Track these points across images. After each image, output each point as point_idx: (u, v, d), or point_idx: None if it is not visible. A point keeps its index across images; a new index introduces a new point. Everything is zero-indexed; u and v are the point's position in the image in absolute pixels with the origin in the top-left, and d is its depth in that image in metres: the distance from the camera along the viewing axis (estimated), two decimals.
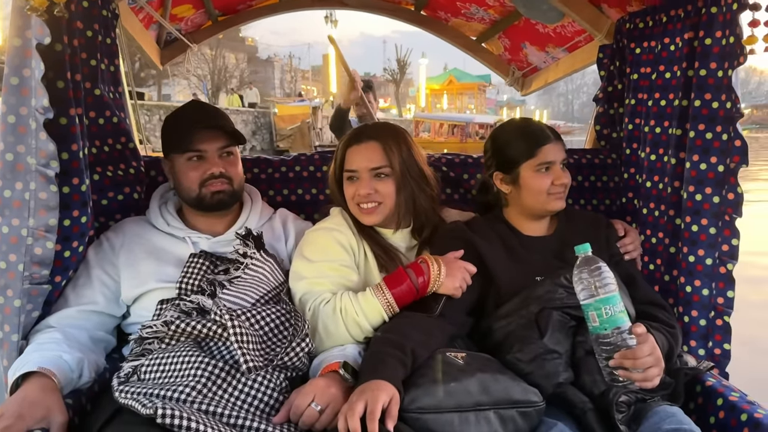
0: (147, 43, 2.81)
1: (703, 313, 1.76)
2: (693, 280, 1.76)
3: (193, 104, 1.86)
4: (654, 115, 1.92)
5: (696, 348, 1.77)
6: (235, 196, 1.77)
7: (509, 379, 1.37)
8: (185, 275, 1.59)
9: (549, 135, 1.69)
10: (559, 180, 1.67)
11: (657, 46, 1.94)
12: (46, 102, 1.36)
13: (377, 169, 1.68)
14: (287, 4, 3.25)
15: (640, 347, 1.32)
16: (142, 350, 1.45)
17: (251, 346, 1.37)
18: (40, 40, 1.33)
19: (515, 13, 2.79)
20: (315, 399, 1.30)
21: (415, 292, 1.53)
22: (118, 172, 1.86)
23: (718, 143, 1.69)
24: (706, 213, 1.72)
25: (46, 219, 1.42)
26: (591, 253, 1.41)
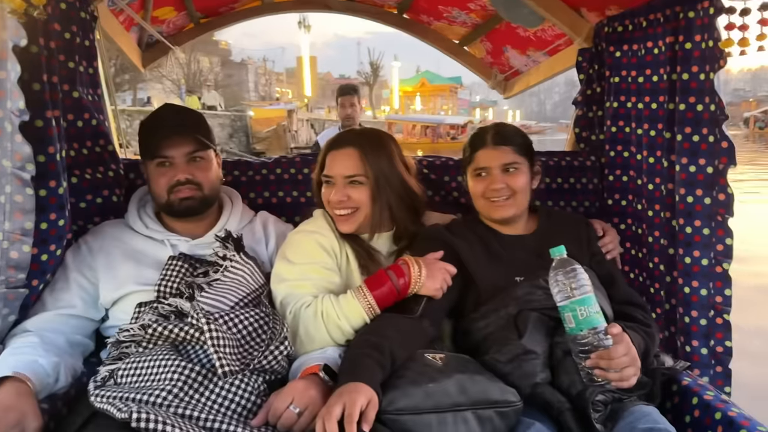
0: (128, 45, 2.80)
1: (703, 313, 1.78)
2: (691, 281, 1.79)
3: (165, 108, 1.83)
4: (646, 119, 1.94)
5: (699, 347, 1.79)
6: (206, 202, 1.74)
7: (487, 380, 1.38)
8: (164, 278, 1.58)
9: (486, 140, 1.70)
10: (493, 185, 1.66)
11: (640, 49, 1.96)
12: (22, 104, 1.35)
13: (351, 177, 1.67)
14: (270, 7, 3.25)
15: (615, 347, 1.33)
16: (119, 354, 1.44)
17: (228, 350, 1.36)
18: (16, 42, 1.32)
19: (496, 16, 2.82)
20: (294, 401, 1.29)
21: (396, 294, 1.53)
22: (96, 175, 1.85)
23: (706, 145, 1.72)
24: (699, 214, 1.75)
25: (22, 222, 1.40)
26: (566, 254, 1.42)
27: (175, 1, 2.80)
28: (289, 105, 31.10)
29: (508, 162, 1.67)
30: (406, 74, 59.29)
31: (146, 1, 2.66)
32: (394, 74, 50.23)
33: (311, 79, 38.14)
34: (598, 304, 1.38)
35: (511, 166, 1.67)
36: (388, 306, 1.54)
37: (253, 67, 64.53)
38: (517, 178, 1.68)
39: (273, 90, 63.55)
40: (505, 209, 1.68)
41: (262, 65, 65.81)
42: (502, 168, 1.67)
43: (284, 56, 79.50)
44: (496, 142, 1.69)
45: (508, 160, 1.67)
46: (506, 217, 1.69)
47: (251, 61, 65.67)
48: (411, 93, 53.80)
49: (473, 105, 76.13)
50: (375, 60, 51.47)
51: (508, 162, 1.67)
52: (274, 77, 69.38)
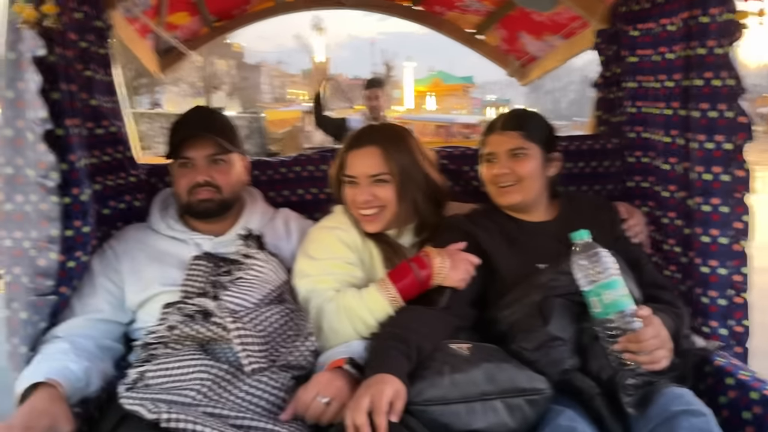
0: (144, 52, 2.83)
1: (723, 293, 1.74)
2: (708, 261, 1.74)
3: (193, 110, 1.86)
4: (663, 97, 1.90)
5: (717, 328, 1.75)
6: (224, 204, 1.74)
7: (514, 368, 1.37)
8: (188, 278, 1.60)
9: (495, 125, 1.69)
10: (498, 170, 1.65)
11: (655, 27, 1.92)
12: (43, 113, 1.37)
13: (376, 176, 1.66)
14: (283, 7, 3.25)
15: (644, 330, 1.31)
16: (147, 356, 1.45)
17: (254, 348, 1.37)
18: (34, 52, 1.35)
19: (509, 3, 2.78)
20: (320, 392, 1.29)
21: (419, 286, 1.53)
22: (118, 181, 1.87)
23: (724, 121, 1.67)
24: (717, 192, 1.71)
25: (48, 230, 1.43)
26: (588, 238, 1.40)
27: (188, 6, 2.82)
28: (303, 106, 31.25)
29: (514, 147, 1.65)
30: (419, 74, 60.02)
31: (160, 7, 2.69)
32: (407, 74, 50.59)
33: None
34: (626, 287, 1.36)
35: (519, 151, 1.65)
36: (411, 298, 1.54)
37: (267, 69, 65.08)
38: (524, 164, 1.65)
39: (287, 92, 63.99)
40: (511, 195, 1.66)
41: (277, 67, 66.29)
42: (508, 153, 1.66)
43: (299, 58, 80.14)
44: (505, 127, 1.68)
45: (515, 146, 1.65)
46: (512, 204, 1.68)
47: (265, 63, 66.26)
48: (424, 93, 54.31)
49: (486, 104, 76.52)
50: (388, 61, 51.96)
51: (515, 147, 1.65)
52: (289, 79, 69.82)
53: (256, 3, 3.19)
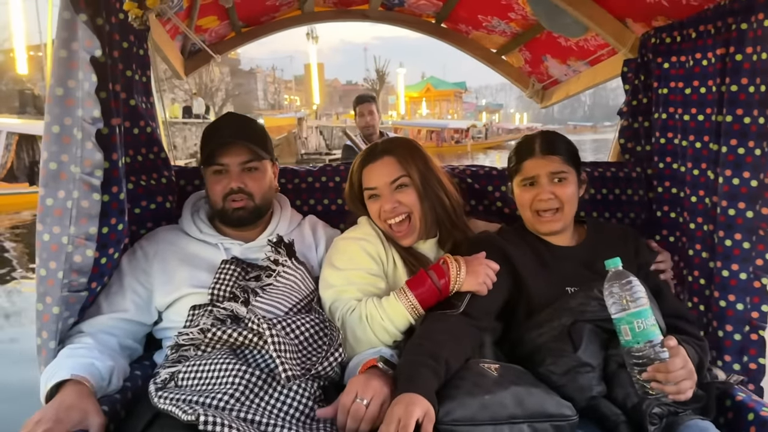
0: (172, 53, 2.85)
1: (738, 328, 1.76)
2: (727, 295, 1.76)
3: (226, 117, 1.88)
4: (692, 130, 1.92)
5: (731, 363, 1.76)
6: (258, 212, 1.78)
7: (543, 393, 1.37)
8: (217, 281, 1.61)
9: (534, 149, 1.69)
10: (541, 195, 1.65)
11: (688, 61, 1.94)
12: (97, 113, 1.39)
13: (396, 181, 1.70)
14: (309, 17, 3.29)
15: (672, 360, 1.32)
16: (178, 357, 1.46)
17: (289, 355, 1.38)
18: (91, 53, 1.37)
19: (537, 26, 2.82)
20: (358, 394, 1.30)
21: (438, 293, 1.54)
22: (151, 181, 1.89)
23: (751, 158, 1.69)
24: (740, 228, 1.73)
25: (87, 227, 1.44)
26: (621, 266, 1.42)
27: (218, 11, 2.84)
28: (298, 113, 32.71)
29: (556, 171, 1.66)
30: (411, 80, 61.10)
31: (192, 10, 2.71)
32: (399, 80, 51.33)
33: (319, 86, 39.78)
34: (653, 317, 1.37)
35: (559, 176, 1.66)
36: (431, 306, 1.55)
37: (261, 75, 65.51)
38: (566, 188, 1.66)
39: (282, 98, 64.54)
40: (553, 223, 1.67)
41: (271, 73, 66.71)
42: (549, 177, 1.66)
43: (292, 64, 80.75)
44: (544, 151, 1.68)
45: (556, 169, 1.66)
46: (554, 231, 1.69)
47: (260, 69, 66.68)
48: (417, 98, 55.23)
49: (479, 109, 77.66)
50: (381, 67, 52.48)
51: (556, 171, 1.66)
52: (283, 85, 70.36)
53: (284, 11, 3.23)
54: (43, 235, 1.44)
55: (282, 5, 3.12)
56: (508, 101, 56.11)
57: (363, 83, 58.67)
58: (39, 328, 1.47)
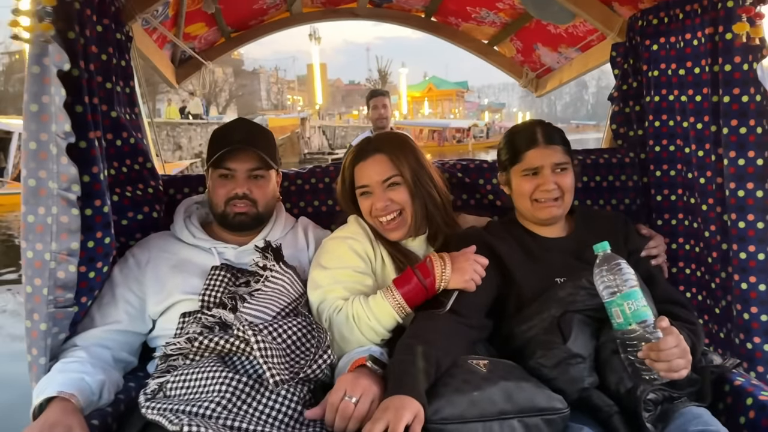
0: (161, 62, 2.85)
1: (763, 309, 1.73)
2: (748, 277, 1.73)
3: (236, 122, 1.88)
4: (691, 112, 1.90)
5: (761, 344, 1.73)
6: (259, 219, 1.79)
7: (533, 386, 1.36)
8: (207, 288, 1.61)
9: (537, 139, 1.67)
10: (545, 185, 1.64)
11: (678, 42, 1.91)
12: (67, 127, 1.38)
13: (388, 180, 1.69)
14: (298, 18, 3.28)
15: (665, 338, 1.30)
16: (167, 367, 1.46)
17: (276, 360, 1.38)
18: (60, 66, 1.36)
19: (526, 15, 2.79)
20: (347, 392, 1.29)
21: (425, 291, 1.52)
22: (137, 192, 1.89)
23: (754, 137, 1.67)
24: (752, 208, 1.71)
25: (68, 242, 1.44)
26: (609, 250, 1.41)
27: (205, 17, 2.84)
28: (301, 113, 33.42)
29: (558, 162, 1.66)
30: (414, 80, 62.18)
31: (178, 18, 2.72)
32: (401, 80, 51.94)
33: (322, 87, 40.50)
34: (644, 299, 1.36)
35: (561, 166, 1.66)
36: (418, 304, 1.54)
37: (265, 75, 66.04)
38: (566, 178, 1.66)
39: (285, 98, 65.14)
40: (553, 209, 1.66)
41: (274, 74, 67.19)
42: (552, 167, 1.65)
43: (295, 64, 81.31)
44: (548, 141, 1.67)
45: (559, 160, 1.66)
46: (554, 217, 1.67)
47: (263, 70, 67.17)
48: (419, 98, 55.87)
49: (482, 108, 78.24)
50: (383, 67, 53.04)
51: (559, 162, 1.66)
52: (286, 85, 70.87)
53: (272, 14, 3.22)
54: (27, 252, 1.44)
55: (270, 8, 3.11)
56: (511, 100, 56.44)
57: (365, 83, 59.41)
58: (29, 345, 1.47)
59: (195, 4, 2.60)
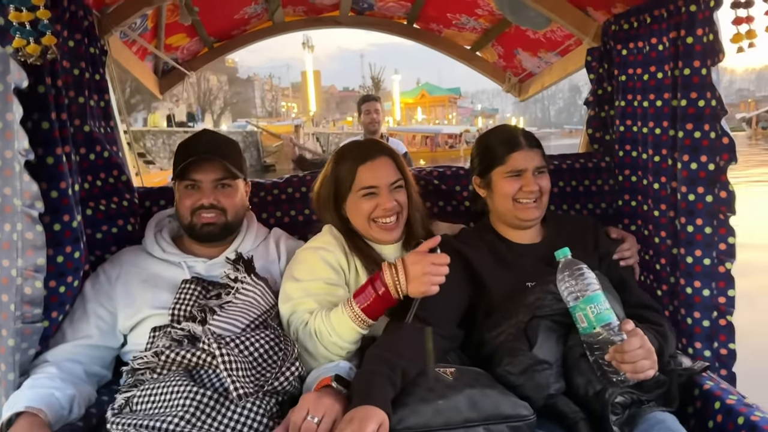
0: (143, 74, 2.87)
1: (706, 314, 1.73)
2: (693, 281, 1.74)
3: (201, 133, 1.88)
4: (652, 116, 1.90)
5: (702, 349, 1.74)
6: (228, 228, 1.78)
7: (499, 394, 1.36)
8: (177, 301, 1.60)
9: (521, 142, 1.70)
10: (528, 186, 1.66)
11: (645, 46, 1.92)
12: (26, 144, 1.39)
13: (396, 182, 1.73)
14: (281, 27, 3.29)
15: (629, 340, 1.32)
16: (134, 381, 1.47)
17: (241, 373, 1.38)
18: (18, 84, 1.37)
19: (505, 20, 2.80)
20: (310, 412, 1.29)
21: (383, 301, 1.50)
22: (111, 205, 1.89)
23: (707, 142, 1.67)
24: (701, 213, 1.71)
25: (34, 259, 1.45)
26: (570, 255, 1.43)
27: (187, 28, 2.86)
28: (296, 121, 34.30)
29: (539, 165, 1.70)
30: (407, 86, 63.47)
31: (158, 30, 2.73)
32: (394, 87, 52.95)
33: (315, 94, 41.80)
34: (607, 302, 1.37)
35: (541, 169, 1.71)
36: (379, 314, 1.52)
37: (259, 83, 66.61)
38: (546, 180, 1.71)
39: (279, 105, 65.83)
40: (533, 211, 1.69)
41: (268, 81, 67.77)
42: (535, 170, 1.69)
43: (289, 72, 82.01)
44: (531, 145, 1.71)
45: (540, 163, 1.71)
46: (535, 218, 1.69)
47: (257, 77, 67.77)
48: (412, 105, 57.09)
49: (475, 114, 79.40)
50: (376, 74, 54.11)
51: (540, 165, 1.70)
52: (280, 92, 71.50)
53: (254, 24, 3.24)
54: None
55: (251, 18, 3.13)
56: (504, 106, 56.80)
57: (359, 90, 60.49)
58: None
59: (174, 16, 2.61)
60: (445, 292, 1.57)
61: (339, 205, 1.78)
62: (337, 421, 1.27)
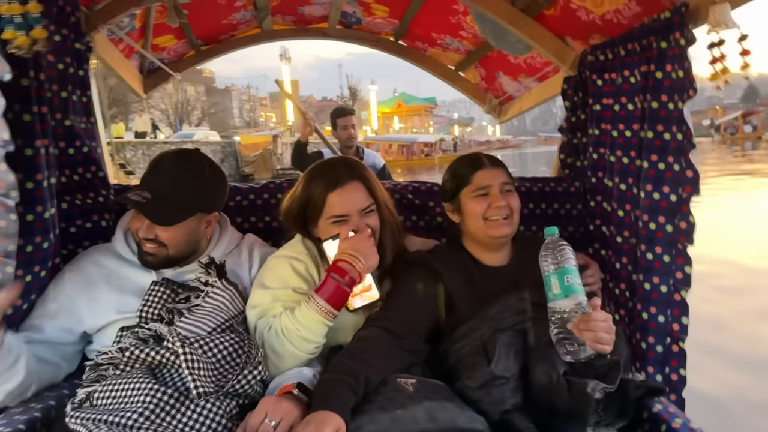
0: (128, 72, 2.88)
1: (660, 340, 1.79)
2: (649, 307, 1.79)
3: (158, 163, 1.73)
4: (620, 146, 1.96)
5: (653, 374, 1.79)
6: (170, 261, 1.71)
7: (456, 407, 1.39)
8: (146, 303, 1.61)
9: (484, 162, 1.76)
10: (496, 203, 1.70)
11: (618, 78, 1.99)
12: (6, 135, 1.40)
13: (367, 208, 1.70)
14: (269, 35, 3.33)
15: (596, 312, 1.40)
16: (96, 376, 1.47)
17: (202, 373, 1.39)
18: (1, 76, 1.38)
19: (488, 44, 2.87)
20: (268, 414, 1.31)
21: (346, 291, 1.56)
22: (87, 200, 1.90)
23: (671, 173, 1.73)
24: (660, 241, 1.76)
25: (5, 245, 1.46)
26: (558, 235, 1.52)
27: (174, 30, 2.88)
28: (274, 131, 35.66)
29: (505, 181, 1.74)
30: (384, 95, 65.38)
31: (146, 29, 2.75)
32: (371, 97, 54.22)
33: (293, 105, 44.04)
34: (581, 281, 1.46)
35: (507, 187, 1.75)
36: (343, 304, 1.57)
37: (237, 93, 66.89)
38: (514, 198, 1.75)
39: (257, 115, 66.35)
40: (504, 228, 1.71)
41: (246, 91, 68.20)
42: (501, 187, 1.73)
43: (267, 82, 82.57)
44: (493, 163, 1.77)
45: (506, 180, 1.75)
46: (506, 235, 1.72)
47: (234, 87, 68.08)
48: (389, 114, 58.67)
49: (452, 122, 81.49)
50: (353, 84, 55.54)
51: (506, 181, 1.74)
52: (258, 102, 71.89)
53: (243, 30, 3.27)
54: None
55: (240, 23, 3.16)
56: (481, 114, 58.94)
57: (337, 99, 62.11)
58: None
59: (162, 17, 2.64)
60: (415, 307, 1.62)
61: (308, 226, 1.77)
62: (295, 426, 1.29)
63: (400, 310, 1.62)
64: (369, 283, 1.64)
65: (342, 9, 3.05)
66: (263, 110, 70.31)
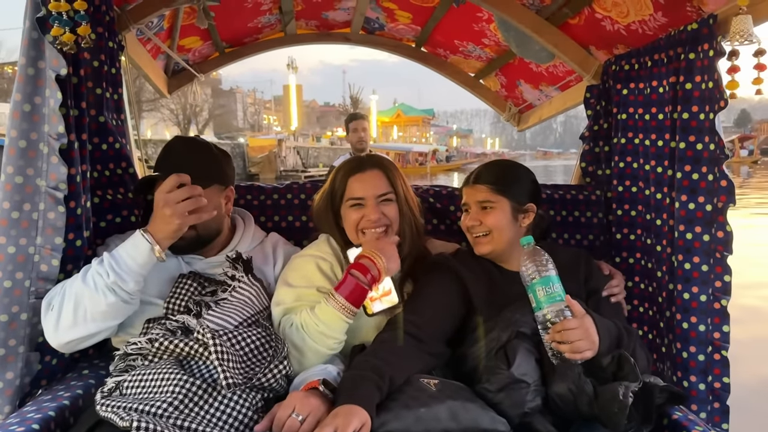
0: (154, 72, 2.93)
1: (701, 349, 1.79)
2: (689, 317, 1.80)
3: (171, 146, 1.80)
4: (653, 156, 1.98)
5: (696, 383, 1.79)
6: (199, 242, 1.75)
7: (478, 408, 1.41)
8: (173, 295, 1.64)
9: (470, 178, 1.81)
10: (469, 221, 1.75)
11: (645, 88, 2.00)
12: (61, 129, 1.45)
13: (383, 195, 1.75)
14: (292, 39, 3.37)
15: (565, 321, 1.43)
16: (126, 366, 1.51)
17: (231, 365, 1.42)
18: (57, 71, 1.43)
19: (510, 51, 2.89)
20: (296, 409, 1.33)
21: (367, 289, 1.59)
22: (117, 196, 1.94)
23: (705, 183, 1.75)
24: (698, 251, 1.77)
25: (53, 237, 1.51)
26: (533, 243, 1.55)
27: (201, 32, 2.93)
28: (279, 135, 38.33)
29: (482, 200, 1.75)
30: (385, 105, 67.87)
31: (173, 30, 2.80)
32: (372, 106, 56.41)
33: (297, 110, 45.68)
34: (560, 286, 1.48)
35: (486, 204, 1.74)
36: (362, 301, 1.60)
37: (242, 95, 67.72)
38: (491, 216, 1.73)
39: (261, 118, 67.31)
40: (482, 246, 1.74)
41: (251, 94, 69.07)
42: (478, 205, 1.75)
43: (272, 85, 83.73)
44: (475, 180, 1.78)
45: (482, 198, 1.75)
46: (484, 253, 1.75)
47: (239, 89, 68.85)
48: (389, 123, 60.94)
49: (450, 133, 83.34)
50: (355, 93, 58.40)
51: (483, 200, 1.74)
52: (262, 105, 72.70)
53: (267, 33, 3.32)
54: (7, 248, 1.50)
55: (265, 27, 3.21)
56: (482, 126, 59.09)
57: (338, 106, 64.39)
58: (4, 338, 1.52)
59: (190, 19, 2.68)
60: (437, 310, 1.64)
61: (336, 217, 1.82)
62: (321, 422, 1.31)
63: (421, 313, 1.63)
64: (389, 288, 1.67)
65: (366, 15, 3.09)
66: (267, 113, 71.20)
